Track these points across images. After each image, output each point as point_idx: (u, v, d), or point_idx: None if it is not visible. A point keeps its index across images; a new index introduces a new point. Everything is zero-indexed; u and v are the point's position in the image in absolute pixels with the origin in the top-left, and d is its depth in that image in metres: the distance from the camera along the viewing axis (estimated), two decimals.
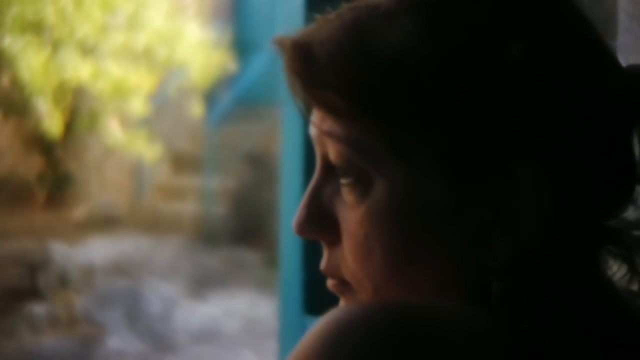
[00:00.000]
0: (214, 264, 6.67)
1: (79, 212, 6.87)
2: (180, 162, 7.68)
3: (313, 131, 0.73)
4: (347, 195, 0.72)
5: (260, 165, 7.46)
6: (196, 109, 6.88)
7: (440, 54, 0.69)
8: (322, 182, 0.74)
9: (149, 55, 6.01)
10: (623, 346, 0.69)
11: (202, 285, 6.29)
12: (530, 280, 0.69)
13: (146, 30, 5.97)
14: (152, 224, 7.10)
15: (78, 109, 6.12)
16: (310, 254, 1.96)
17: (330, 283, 0.75)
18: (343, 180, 0.72)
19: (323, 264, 0.74)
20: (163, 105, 7.05)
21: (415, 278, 0.71)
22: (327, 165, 0.73)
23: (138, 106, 5.87)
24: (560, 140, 0.69)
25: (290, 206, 1.89)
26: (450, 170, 0.69)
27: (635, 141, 0.72)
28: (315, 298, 2.00)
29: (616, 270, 0.72)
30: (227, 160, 7.47)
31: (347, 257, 0.72)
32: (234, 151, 7.48)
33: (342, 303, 0.75)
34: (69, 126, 6.08)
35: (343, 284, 0.74)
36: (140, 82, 5.76)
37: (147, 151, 6.31)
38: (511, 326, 0.67)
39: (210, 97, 7.18)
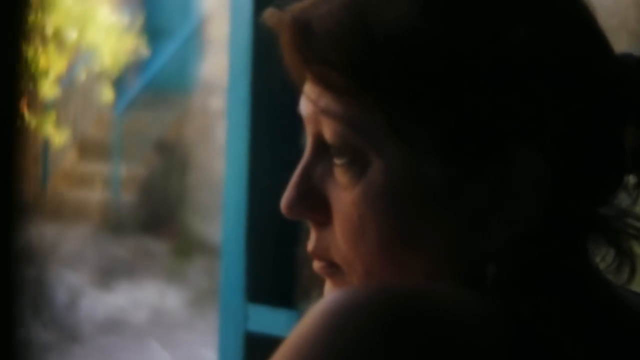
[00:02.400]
0: (121, 253, 6.64)
1: None
2: (87, 148, 7.58)
3: (306, 109, 0.72)
4: (341, 176, 0.71)
5: (169, 153, 7.42)
6: (105, 94, 6.81)
7: (441, 32, 0.69)
8: (313, 162, 0.73)
9: (58, 37, 5.90)
10: (616, 330, 0.70)
11: (108, 274, 6.25)
12: (525, 264, 0.69)
13: (56, 11, 5.86)
14: (57, 211, 6.99)
15: None
16: (253, 241, 1.94)
17: (317, 265, 0.74)
18: (337, 160, 0.71)
19: (311, 245, 0.73)
20: (71, 89, 6.94)
21: (409, 261, 0.70)
22: (319, 145, 0.72)
23: (46, 89, 5.75)
24: (557, 125, 0.69)
25: (233, 192, 1.86)
26: (449, 151, 0.69)
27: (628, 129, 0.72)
28: (258, 286, 1.98)
29: (602, 259, 0.72)
30: (135, 147, 7.43)
31: (338, 239, 0.71)
32: (143, 138, 7.44)
33: (327, 286, 0.75)
34: None
35: (332, 266, 0.73)
36: (49, 64, 5.64)
37: (55, 135, 6.20)
38: (507, 310, 0.67)
39: (120, 82, 7.13)
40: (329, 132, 0.71)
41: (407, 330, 0.63)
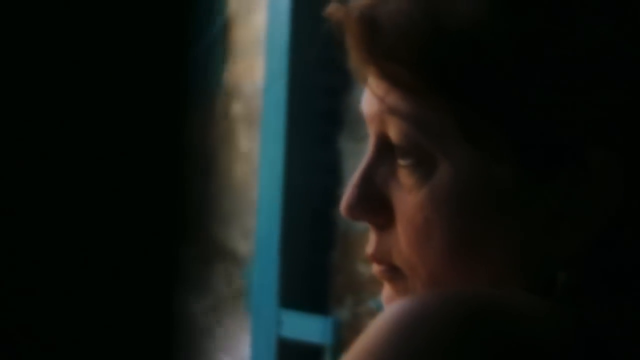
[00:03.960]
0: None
1: None
2: None
3: (369, 107, 0.71)
4: (406, 178, 0.69)
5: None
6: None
7: (514, 27, 0.66)
8: (376, 162, 0.71)
9: None
10: None
11: None
12: (597, 272, 0.67)
13: None
14: None
15: None
16: (287, 247, 1.93)
17: (377, 269, 0.73)
18: (402, 162, 0.69)
19: (370, 248, 0.73)
20: None
21: (475, 266, 0.69)
22: (383, 145, 0.71)
23: None
24: (635, 127, 0.66)
25: (267, 196, 1.85)
26: (521, 156, 0.67)
27: None
28: (291, 291, 1.97)
29: None
30: None
31: (401, 242, 0.70)
32: None
33: (387, 290, 0.73)
34: None
35: (392, 270, 0.72)
36: None
37: None
38: (579, 320, 0.65)
39: None
40: (394, 131, 0.69)
41: (482, 338, 0.61)
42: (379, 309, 2.63)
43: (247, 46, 6.62)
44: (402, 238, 0.70)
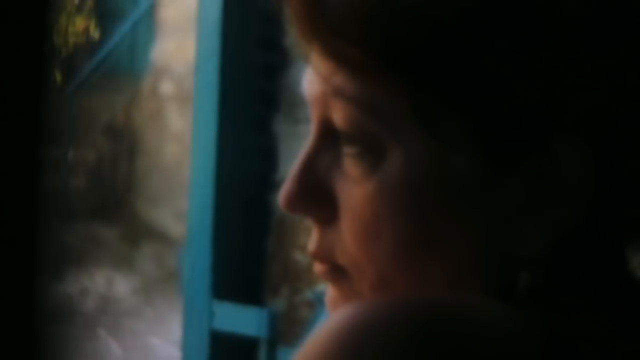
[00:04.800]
0: (70, 240, 6.58)
1: None
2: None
3: (312, 89, 0.65)
4: (352, 167, 0.64)
5: (120, 138, 7.33)
6: (55, 76, 6.71)
7: (480, 6, 0.60)
8: (318, 150, 0.66)
9: None
10: None
11: (57, 262, 6.17)
12: (566, 274, 0.62)
13: None
14: None
15: None
16: (220, 237, 1.85)
17: (319, 269, 0.66)
18: (348, 149, 0.64)
19: (312, 246, 0.66)
20: None
21: (429, 266, 0.63)
22: (327, 131, 0.65)
23: None
24: (608, 116, 0.62)
25: (199, 184, 1.77)
26: (481, 144, 0.61)
27: None
28: (224, 282, 1.90)
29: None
30: (85, 131, 7.36)
31: (346, 239, 0.64)
32: (93, 122, 7.36)
33: (330, 292, 0.67)
34: None
35: (337, 270, 0.65)
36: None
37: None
38: (543, 325, 0.60)
39: (70, 64, 7.07)
40: (340, 116, 0.63)
41: (432, 350, 0.56)
42: (317, 299, 2.59)
43: (177, 24, 6.49)
44: (348, 235, 0.64)
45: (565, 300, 0.62)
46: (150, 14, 7.74)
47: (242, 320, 1.91)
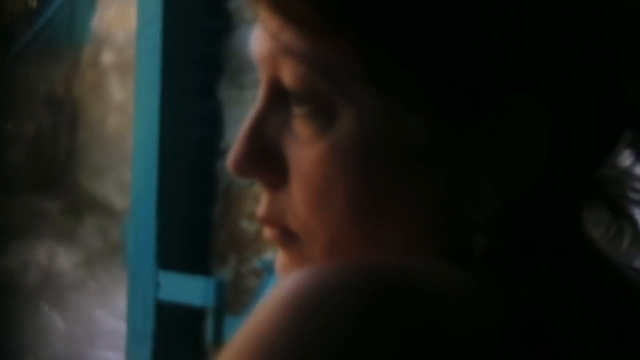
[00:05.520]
0: (11, 213, 6.51)
1: None
2: None
3: (260, 47, 0.63)
4: (302, 128, 0.62)
5: (59, 109, 7.24)
6: None
7: None
8: (267, 111, 0.64)
9: None
10: (616, 307, 0.63)
11: None
12: (518, 235, 0.61)
13: None
14: None
15: None
16: (165, 206, 1.82)
17: (269, 233, 0.66)
18: (298, 110, 0.62)
19: (262, 210, 0.65)
20: None
21: (383, 230, 0.62)
22: (276, 91, 0.63)
23: None
24: (562, 76, 0.61)
25: (142, 152, 1.73)
26: (434, 102, 0.60)
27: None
28: (169, 251, 1.86)
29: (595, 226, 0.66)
30: (24, 103, 7.27)
31: (296, 203, 0.63)
32: (31, 93, 7.27)
33: (281, 257, 0.66)
34: None
35: (287, 235, 0.64)
36: None
37: None
38: (499, 287, 0.59)
39: (7, 34, 6.96)
40: (289, 75, 0.62)
41: (390, 315, 0.54)
42: (264, 268, 2.57)
43: None
44: (298, 198, 0.62)
45: (522, 263, 0.61)
46: None
47: (188, 290, 1.88)
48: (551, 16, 0.60)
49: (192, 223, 1.89)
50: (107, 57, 6.95)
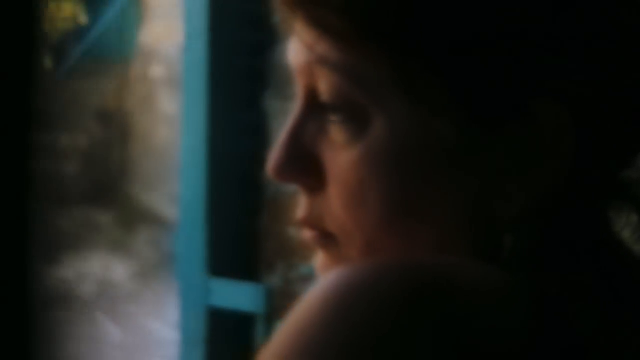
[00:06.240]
0: (66, 225, 6.56)
1: None
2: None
3: (297, 58, 0.66)
4: (338, 135, 0.65)
5: (111, 123, 7.30)
6: (44, 62, 6.69)
7: None
8: (305, 119, 0.67)
9: None
10: None
11: (54, 247, 6.16)
12: (546, 234, 0.64)
13: None
14: None
15: None
16: (213, 213, 1.86)
17: (309, 235, 0.68)
18: (333, 117, 0.65)
19: (301, 213, 0.68)
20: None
21: (415, 231, 0.65)
22: (312, 99, 0.66)
23: None
24: (587, 81, 0.63)
25: (190, 161, 1.77)
26: (463, 107, 0.63)
27: None
28: (219, 259, 1.91)
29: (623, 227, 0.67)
30: (76, 117, 7.32)
31: (334, 206, 0.65)
32: (83, 107, 7.33)
33: (320, 257, 0.68)
34: None
35: (326, 236, 0.67)
36: None
37: None
38: (528, 284, 0.61)
39: (59, 50, 7.03)
40: (324, 84, 0.64)
41: (425, 310, 0.57)
42: (311, 274, 2.59)
43: (165, 7, 6.45)
44: (335, 201, 0.65)
45: (551, 262, 0.63)
46: None
47: (238, 296, 1.92)
48: (575, 23, 0.63)
49: (241, 231, 1.93)
50: (156, 71, 7.01)
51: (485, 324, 0.58)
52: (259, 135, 1.92)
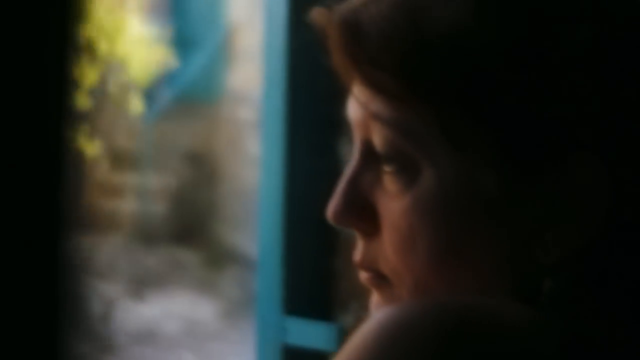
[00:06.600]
0: (153, 263, 6.64)
1: None
2: (119, 158, 7.60)
3: (354, 113, 0.70)
4: (390, 184, 0.69)
5: (199, 164, 7.41)
6: (135, 105, 6.83)
7: (495, 34, 0.66)
8: (361, 169, 0.71)
9: (90, 49, 5.91)
10: None
11: (141, 285, 6.24)
12: (584, 280, 0.66)
13: (87, 22, 5.87)
14: (91, 222, 7.00)
15: None
16: (290, 253, 1.92)
17: (364, 276, 0.72)
18: (387, 167, 0.69)
19: (358, 256, 0.72)
20: (102, 100, 6.96)
21: (460, 273, 0.68)
22: (368, 151, 0.70)
23: (79, 101, 5.77)
24: (624, 135, 0.66)
25: (268, 203, 1.85)
26: (504, 161, 0.66)
27: None
28: (295, 298, 1.97)
29: None
30: (165, 158, 7.43)
31: (387, 249, 0.69)
32: (172, 149, 7.44)
33: (374, 297, 0.72)
34: None
35: (379, 277, 0.71)
36: (81, 76, 5.65)
37: (86, 147, 6.22)
38: (565, 328, 0.64)
39: (150, 93, 7.15)
40: (378, 137, 0.69)
41: (461, 345, 0.61)
42: None
43: (252, 51, 6.56)
44: (388, 245, 0.69)
45: (587, 306, 0.66)
46: (225, 42, 7.83)
47: (313, 335, 1.97)
48: (609, 83, 0.66)
49: (316, 272, 1.99)
50: (243, 113, 7.10)
51: (514, 358, 0.62)
52: (334, 179, 1.97)
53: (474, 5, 0.66)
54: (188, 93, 7.53)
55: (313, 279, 2.00)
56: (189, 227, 7.14)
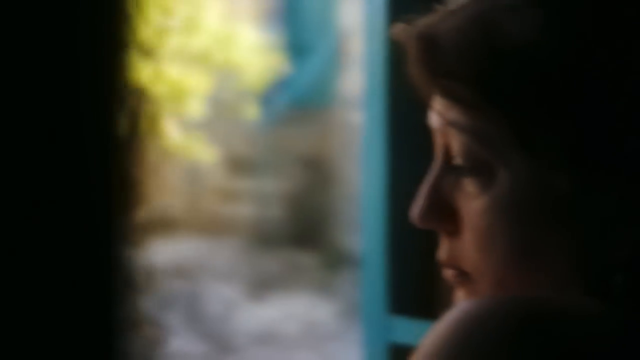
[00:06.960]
0: (272, 266, 6.69)
1: (138, 214, 6.91)
2: (236, 164, 7.72)
3: (435, 122, 0.74)
4: (469, 186, 0.73)
5: (314, 168, 7.47)
6: (251, 111, 6.91)
7: (565, 44, 0.69)
8: (443, 173, 0.74)
9: (205, 58, 6.03)
10: None
11: (260, 287, 6.31)
12: None
13: (202, 33, 6.00)
14: (209, 226, 7.13)
15: (138, 111, 6.14)
16: (394, 253, 1.97)
17: (449, 274, 0.76)
18: (465, 171, 0.73)
19: (442, 254, 0.76)
20: (218, 108, 7.09)
21: (535, 271, 0.72)
22: (448, 156, 0.74)
23: (194, 109, 5.90)
24: None
25: (371, 205, 1.90)
26: (576, 163, 0.69)
27: None
28: (401, 297, 2.01)
29: None
30: (282, 163, 7.49)
31: (468, 248, 0.73)
32: (288, 154, 7.50)
33: (458, 293, 0.76)
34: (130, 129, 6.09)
35: (462, 274, 0.74)
36: (197, 85, 5.78)
37: (203, 154, 6.34)
38: (636, 323, 0.67)
39: (265, 99, 7.22)
40: (456, 143, 0.73)
41: (534, 339, 0.65)
42: None
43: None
44: (470, 244, 0.73)
45: None
46: (338, 48, 7.87)
47: (419, 333, 2.02)
48: None
49: (420, 271, 2.04)
50: (356, 117, 7.14)
51: (586, 355, 0.66)
52: None
53: (543, 19, 0.70)
54: (302, 99, 7.59)
55: (417, 278, 2.04)
56: (306, 230, 7.19)
